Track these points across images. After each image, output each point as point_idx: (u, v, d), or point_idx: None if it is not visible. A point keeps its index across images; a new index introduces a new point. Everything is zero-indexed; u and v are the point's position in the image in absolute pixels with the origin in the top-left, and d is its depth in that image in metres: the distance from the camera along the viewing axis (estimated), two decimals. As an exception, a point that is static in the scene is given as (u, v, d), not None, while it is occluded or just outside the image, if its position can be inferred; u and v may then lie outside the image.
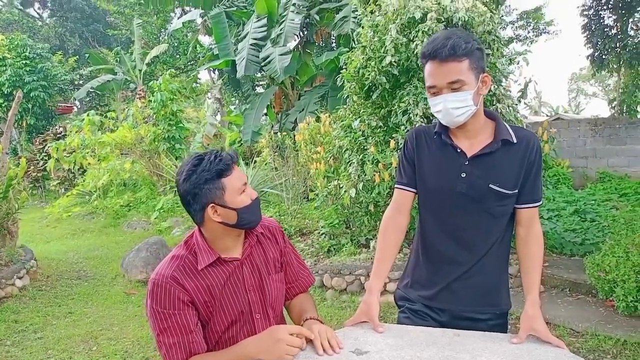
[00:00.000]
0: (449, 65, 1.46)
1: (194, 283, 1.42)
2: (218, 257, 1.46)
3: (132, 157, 10.75)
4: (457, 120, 1.53)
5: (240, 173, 1.44)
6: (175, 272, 1.41)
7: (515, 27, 18.19)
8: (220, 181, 1.38)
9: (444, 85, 1.49)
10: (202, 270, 1.44)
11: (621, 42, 10.90)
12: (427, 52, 1.50)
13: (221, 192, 1.39)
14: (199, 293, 1.42)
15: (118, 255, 6.80)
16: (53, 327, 4.31)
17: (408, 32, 4.46)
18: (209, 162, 1.38)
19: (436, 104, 1.53)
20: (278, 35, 10.18)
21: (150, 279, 1.42)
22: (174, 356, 1.38)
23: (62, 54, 19.36)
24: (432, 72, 1.51)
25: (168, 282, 1.39)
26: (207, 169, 1.37)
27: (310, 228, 6.42)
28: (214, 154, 1.40)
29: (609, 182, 8.92)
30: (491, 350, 1.36)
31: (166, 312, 1.38)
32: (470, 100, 1.49)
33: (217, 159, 1.38)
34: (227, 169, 1.38)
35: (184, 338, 1.39)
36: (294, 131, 8.91)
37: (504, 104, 4.49)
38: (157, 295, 1.39)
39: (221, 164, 1.38)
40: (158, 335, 1.39)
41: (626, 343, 3.33)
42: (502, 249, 1.65)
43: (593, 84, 34.26)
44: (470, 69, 1.47)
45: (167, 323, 1.38)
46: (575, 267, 4.66)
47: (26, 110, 15.42)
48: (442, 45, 1.45)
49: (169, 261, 1.45)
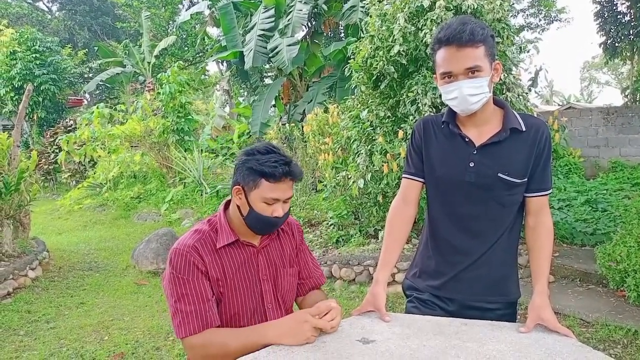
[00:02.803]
0: (467, 50, 1.43)
1: (211, 258, 1.46)
2: (237, 239, 1.49)
3: (142, 149, 10.80)
4: (472, 108, 1.50)
5: (284, 189, 1.44)
6: (197, 244, 1.45)
7: (526, 15, 17.96)
8: (261, 180, 1.41)
9: (460, 71, 1.45)
10: (220, 249, 1.47)
11: (634, 30, 10.69)
12: (444, 37, 1.46)
13: (253, 186, 1.42)
14: (214, 269, 1.45)
15: (129, 246, 6.86)
16: (65, 317, 4.37)
17: (416, 21, 4.41)
18: (268, 159, 1.40)
19: (451, 90, 1.49)
20: (286, 25, 10.14)
21: (172, 248, 1.45)
22: (189, 324, 1.38)
23: (71, 47, 19.45)
24: (449, 58, 1.46)
25: (188, 252, 1.42)
26: (261, 162, 1.40)
27: (318, 219, 6.42)
28: (280, 158, 1.42)
29: (621, 172, 8.80)
30: (498, 339, 1.35)
31: (185, 279, 1.41)
32: (486, 86, 1.47)
33: (275, 162, 1.40)
34: (271, 176, 1.40)
35: (201, 307, 1.40)
36: (302, 122, 8.90)
37: (514, 92, 4.44)
38: (177, 262, 1.41)
39: (270, 169, 1.39)
40: (175, 302, 1.40)
41: (637, 333, 3.31)
42: (512, 238, 1.63)
43: (606, 73, 33.79)
44: (486, 55, 1.45)
45: (185, 289, 1.40)
46: (585, 257, 4.62)
47: (37, 103, 15.53)
48: (460, 30, 1.42)
49: (191, 233, 1.49)
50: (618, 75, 31.24)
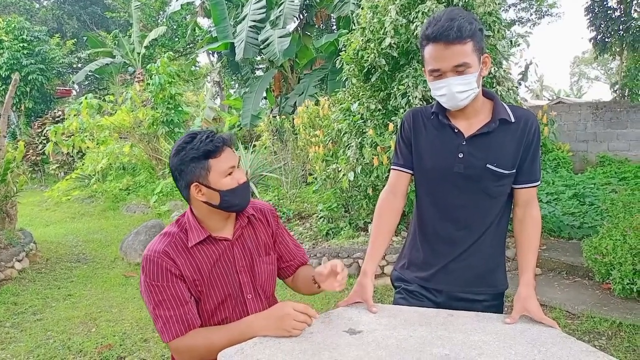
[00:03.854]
0: (455, 47, 1.41)
1: (184, 259, 1.43)
2: (208, 236, 1.46)
3: (131, 140, 10.72)
4: (461, 104, 1.50)
5: (231, 156, 1.43)
6: (167, 248, 1.42)
7: (517, 10, 18.02)
8: (207, 161, 1.38)
9: (449, 68, 1.44)
10: (192, 247, 1.44)
11: (624, 25, 10.77)
12: (431, 34, 1.43)
13: (206, 172, 1.39)
14: (188, 270, 1.43)
15: (117, 238, 6.82)
16: (52, 309, 4.34)
17: (408, 13, 4.40)
18: (200, 141, 1.38)
19: (439, 87, 1.49)
20: (277, 17, 10.07)
21: (143, 255, 1.43)
22: (170, 329, 1.38)
23: (60, 37, 19.20)
24: (436, 55, 1.44)
25: (160, 257, 1.40)
26: (196, 147, 1.37)
27: (308, 211, 6.43)
28: (207, 134, 1.40)
29: (609, 166, 8.90)
30: (484, 330, 1.36)
31: (160, 285, 1.39)
32: (474, 82, 1.46)
33: (208, 139, 1.38)
34: (215, 150, 1.38)
35: (180, 310, 1.39)
36: (293, 115, 8.87)
37: (504, 86, 4.44)
38: (150, 270, 1.40)
39: (210, 145, 1.37)
40: (154, 309, 1.39)
41: (621, 325, 3.35)
42: (500, 230, 1.64)
43: (595, 68, 34.05)
44: (474, 51, 1.43)
45: (162, 296, 1.39)
46: (572, 250, 4.67)
47: (24, 93, 15.33)
48: (448, 27, 1.39)
49: (160, 238, 1.46)
50: (607, 71, 31.48)
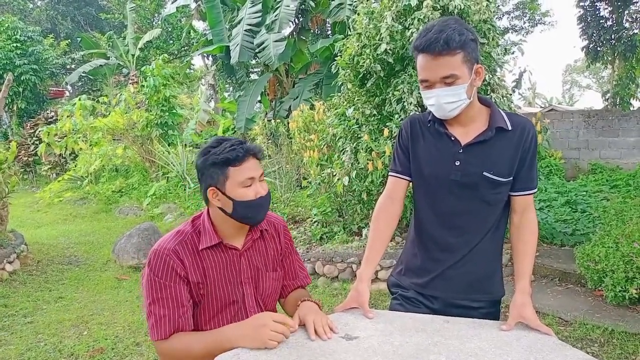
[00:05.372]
0: (442, 59, 1.42)
1: (192, 261, 1.44)
2: (220, 242, 1.47)
3: (125, 142, 10.66)
4: (449, 115, 1.52)
5: (253, 167, 1.43)
6: (177, 246, 1.43)
7: (511, 18, 18.19)
8: (227, 169, 1.39)
9: (437, 79, 1.46)
10: (202, 250, 1.45)
11: (616, 34, 10.89)
12: (420, 45, 1.45)
13: (224, 179, 1.40)
14: (194, 272, 1.44)
15: (109, 240, 6.77)
16: (43, 312, 4.29)
17: (404, 20, 4.43)
18: (224, 147, 1.40)
19: (429, 97, 1.51)
20: (273, 21, 10.07)
21: (152, 249, 1.43)
22: (161, 328, 1.38)
23: (53, 38, 19.11)
24: (425, 66, 1.47)
25: (169, 255, 1.41)
26: (218, 153, 1.39)
27: (302, 216, 6.41)
28: (233, 142, 1.42)
29: (601, 174, 8.98)
30: (480, 336, 1.36)
31: (162, 283, 1.40)
32: (463, 94, 1.47)
33: (232, 147, 1.40)
34: (236, 159, 1.39)
35: (175, 312, 1.39)
36: (287, 119, 8.86)
37: (499, 93, 4.47)
38: (156, 265, 1.40)
39: (232, 153, 1.39)
40: (150, 304, 1.40)
41: (613, 332, 3.37)
42: (497, 237, 1.65)
43: (587, 76, 34.39)
44: (464, 62, 1.44)
45: (162, 294, 1.39)
46: (565, 257, 4.70)
47: (17, 94, 15.22)
48: (435, 39, 1.41)
49: (173, 235, 1.47)
50: (599, 79, 31.81)
